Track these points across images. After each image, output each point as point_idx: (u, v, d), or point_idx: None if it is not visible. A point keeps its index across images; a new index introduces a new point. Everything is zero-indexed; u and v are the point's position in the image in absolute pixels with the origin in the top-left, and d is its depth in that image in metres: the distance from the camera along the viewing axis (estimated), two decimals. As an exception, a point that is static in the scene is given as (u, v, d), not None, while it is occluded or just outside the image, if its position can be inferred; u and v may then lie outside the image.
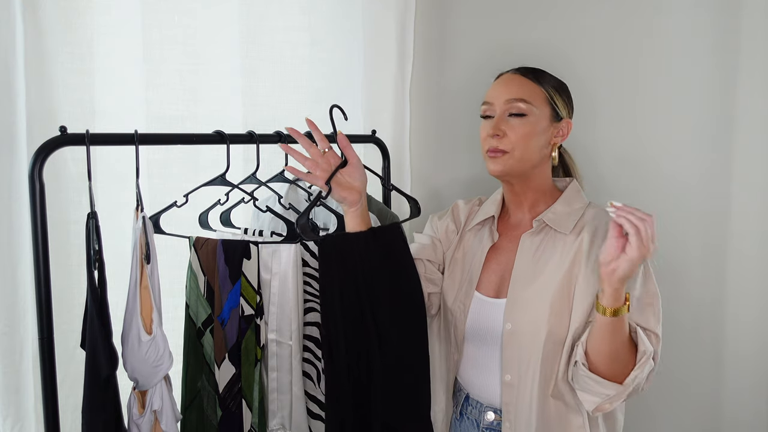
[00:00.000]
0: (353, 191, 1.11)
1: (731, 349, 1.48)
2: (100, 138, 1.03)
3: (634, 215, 0.93)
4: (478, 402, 1.21)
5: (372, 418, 1.13)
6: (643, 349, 1.03)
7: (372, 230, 1.14)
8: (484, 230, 1.25)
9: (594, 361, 1.05)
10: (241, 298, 1.15)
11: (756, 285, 1.45)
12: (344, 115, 1.15)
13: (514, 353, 1.13)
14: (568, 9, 1.53)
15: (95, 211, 1.00)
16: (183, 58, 1.37)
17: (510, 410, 1.14)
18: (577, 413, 1.12)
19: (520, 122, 1.15)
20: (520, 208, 1.23)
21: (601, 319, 1.00)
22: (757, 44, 1.38)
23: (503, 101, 1.16)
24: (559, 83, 1.21)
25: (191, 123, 1.38)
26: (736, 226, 1.45)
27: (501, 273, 1.20)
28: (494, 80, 1.24)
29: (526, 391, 1.12)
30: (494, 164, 1.17)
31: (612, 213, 0.95)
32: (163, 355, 1.04)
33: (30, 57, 1.17)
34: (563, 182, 1.25)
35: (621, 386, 1.03)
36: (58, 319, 1.04)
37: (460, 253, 1.27)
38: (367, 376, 1.12)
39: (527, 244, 1.18)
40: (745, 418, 1.49)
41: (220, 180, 1.19)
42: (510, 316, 1.14)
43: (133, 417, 1.06)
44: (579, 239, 1.14)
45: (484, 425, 1.19)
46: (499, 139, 1.15)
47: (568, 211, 1.18)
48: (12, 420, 1.18)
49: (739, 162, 1.43)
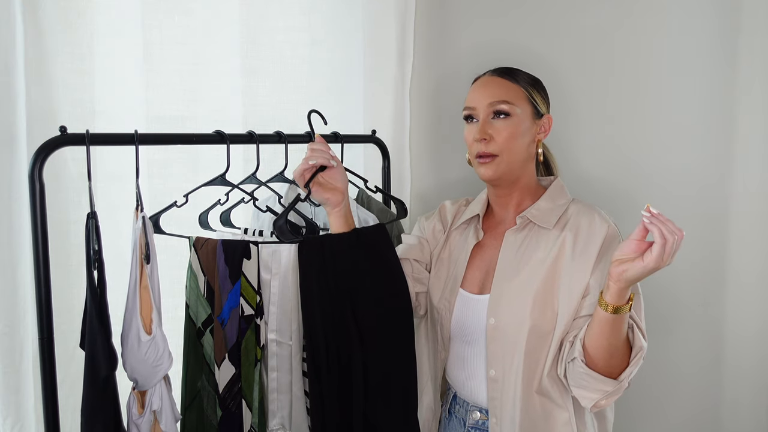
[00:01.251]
0: (336, 192, 1.14)
1: (731, 349, 1.48)
2: (100, 138, 1.03)
3: (666, 227, 0.92)
4: (465, 401, 1.22)
5: (354, 419, 1.13)
6: (639, 346, 1.04)
7: (355, 231, 1.15)
8: (470, 229, 1.27)
9: (592, 355, 1.05)
10: (241, 298, 1.15)
11: (756, 286, 1.45)
12: (323, 120, 1.21)
13: (497, 348, 1.14)
14: (568, 9, 1.53)
15: (95, 211, 1.00)
16: (183, 58, 1.37)
17: (496, 405, 1.15)
18: (563, 409, 1.13)
19: (505, 124, 1.16)
20: (505, 208, 1.24)
21: (602, 314, 1.00)
22: (757, 44, 1.38)
23: (486, 104, 1.17)
24: (534, 80, 1.22)
25: (191, 123, 1.38)
26: (736, 226, 1.45)
27: (485, 269, 1.21)
28: (472, 83, 1.25)
29: (510, 386, 1.13)
30: (486, 169, 1.17)
31: (646, 217, 0.93)
32: (163, 355, 1.04)
33: (30, 57, 1.17)
34: (547, 180, 1.27)
35: (617, 382, 1.04)
36: (58, 319, 1.04)
37: (446, 253, 1.28)
38: (348, 376, 1.12)
39: (511, 240, 1.19)
40: (746, 419, 1.49)
41: (220, 180, 1.19)
42: (493, 311, 1.15)
43: (133, 417, 1.06)
44: (562, 236, 1.15)
45: (470, 424, 1.20)
46: (487, 143, 1.16)
47: (551, 207, 1.19)
48: (12, 420, 1.18)
49: (739, 162, 1.43)
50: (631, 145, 1.51)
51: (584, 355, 1.06)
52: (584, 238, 1.13)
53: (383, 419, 1.14)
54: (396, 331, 1.16)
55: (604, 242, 1.12)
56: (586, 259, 1.12)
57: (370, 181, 1.40)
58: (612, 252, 1.06)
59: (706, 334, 1.49)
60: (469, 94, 1.22)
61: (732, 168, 1.44)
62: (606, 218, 1.15)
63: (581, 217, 1.16)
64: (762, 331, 1.46)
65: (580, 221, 1.15)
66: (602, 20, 1.50)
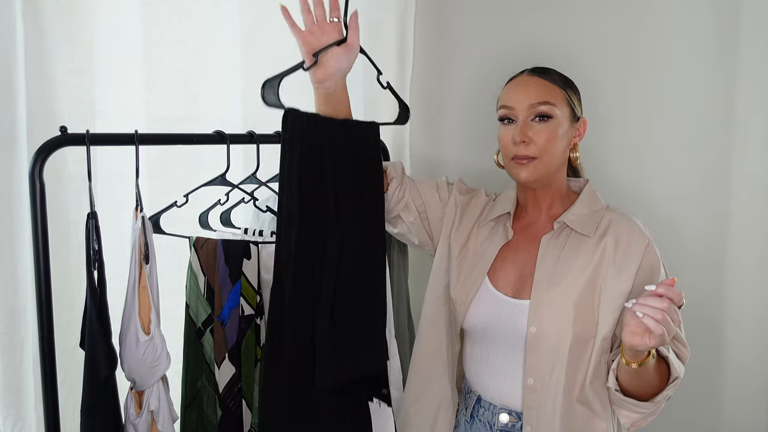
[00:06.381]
0: (333, 77, 1.11)
1: (731, 350, 1.48)
2: (100, 138, 1.04)
3: (654, 314, 0.90)
4: (491, 404, 1.17)
5: (319, 316, 1.07)
6: (675, 376, 1.03)
7: (344, 121, 1.13)
8: (498, 226, 1.22)
9: (627, 389, 1.05)
10: (241, 298, 1.15)
11: (756, 286, 1.45)
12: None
13: (537, 357, 1.10)
14: (568, 9, 1.52)
15: (95, 211, 1.00)
16: (183, 58, 1.37)
17: (532, 414, 1.11)
18: (602, 419, 1.11)
19: (546, 126, 1.12)
20: (537, 209, 1.20)
21: (627, 367, 1.00)
22: (757, 44, 1.38)
23: (526, 106, 1.12)
24: (569, 80, 1.19)
25: (191, 123, 1.38)
26: (736, 227, 1.45)
27: (518, 273, 1.16)
28: (508, 82, 1.20)
29: (549, 395, 1.10)
30: (524, 171, 1.12)
31: (638, 313, 0.92)
32: (161, 356, 1.05)
33: (30, 57, 1.17)
34: (577, 183, 1.23)
35: (654, 404, 1.04)
36: (58, 319, 1.04)
37: (473, 245, 1.23)
38: (320, 264, 1.07)
39: (548, 246, 1.15)
40: (745, 418, 1.49)
41: (220, 180, 1.19)
42: (534, 320, 1.10)
43: (130, 417, 1.06)
44: (603, 243, 1.12)
45: (498, 427, 1.16)
46: (527, 146, 1.11)
47: (588, 213, 1.15)
48: (12, 420, 1.18)
49: (739, 162, 1.43)
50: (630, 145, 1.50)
51: (618, 385, 1.06)
52: (624, 246, 1.10)
53: (351, 322, 1.09)
54: (371, 237, 1.12)
55: (644, 256, 1.10)
56: (626, 267, 1.09)
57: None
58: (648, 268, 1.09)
59: (706, 334, 1.49)
60: (506, 93, 1.17)
61: (732, 168, 1.44)
62: (644, 229, 1.13)
63: (621, 225, 1.13)
64: (763, 333, 1.45)
65: (620, 229, 1.12)
66: (602, 20, 1.50)
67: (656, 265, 1.11)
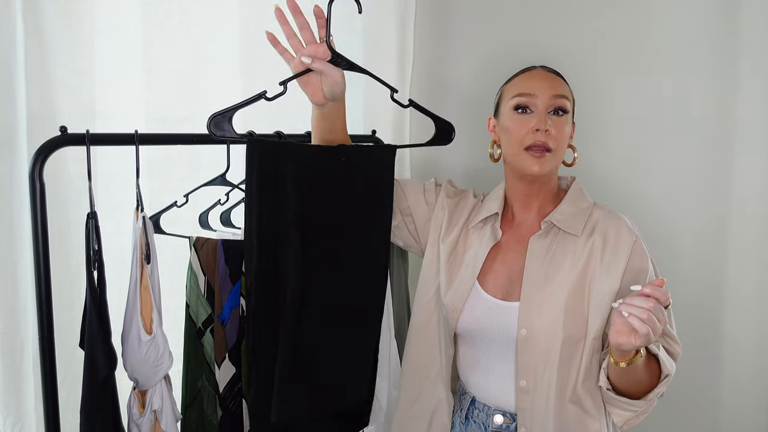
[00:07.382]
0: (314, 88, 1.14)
1: (730, 350, 1.48)
2: (100, 138, 1.04)
3: (640, 313, 0.91)
4: (485, 405, 1.17)
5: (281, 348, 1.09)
6: (666, 373, 1.03)
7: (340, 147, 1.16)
8: (486, 227, 1.21)
9: (618, 388, 1.06)
10: (241, 298, 1.15)
11: (755, 286, 1.45)
12: (359, 7, 1.16)
13: (528, 359, 1.10)
14: (568, 9, 1.53)
15: (95, 211, 1.00)
16: (183, 58, 1.37)
17: (526, 416, 1.11)
18: (595, 419, 1.11)
19: (562, 120, 1.13)
20: (527, 208, 1.20)
21: (616, 366, 1.00)
22: (756, 44, 1.38)
23: (549, 96, 1.12)
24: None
25: (191, 123, 1.38)
26: (735, 227, 1.45)
27: (507, 275, 1.16)
28: (522, 72, 1.19)
29: (542, 396, 1.10)
30: (541, 165, 1.11)
31: (624, 312, 0.93)
32: (163, 355, 1.05)
33: (30, 57, 1.17)
34: (565, 180, 1.23)
35: (646, 401, 1.04)
36: (58, 319, 1.04)
37: (462, 248, 1.22)
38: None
39: (536, 247, 1.15)
40: (745, 418, 1.49)
41: (220, 180, 1.19)
42: (524, 322, 1.10)
43: (133, 417, 1.06)
44: (591, 242, 1.12)
45: (492, 428, 1.16)
46: (548, 135, 1.10)
47: (575, 211, 1.16)
48: (12, 420, 1.18)
49: (739, 162, 1.43)
50: (630, 145, 1.51)
51: (609, 384, 1.06)
52: (612, 244, 1.10)
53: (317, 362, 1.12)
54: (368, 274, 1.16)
55: (632, 253, 1.10)
56: (614, 265, 1.09)
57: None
58: (636, 266, 1.09)
59: (705, 335, 1.49)
60: (525, 81, 1.16)
61: (731, 168, 1.44)
62: (632, 226, 1.13)
63: (609, 223, 1.13)
64: (762, 333, 1.46)
65: (608, 226, 1.13)
66: (602, 20, 1.50)
67: (644, 263, 1.11)
